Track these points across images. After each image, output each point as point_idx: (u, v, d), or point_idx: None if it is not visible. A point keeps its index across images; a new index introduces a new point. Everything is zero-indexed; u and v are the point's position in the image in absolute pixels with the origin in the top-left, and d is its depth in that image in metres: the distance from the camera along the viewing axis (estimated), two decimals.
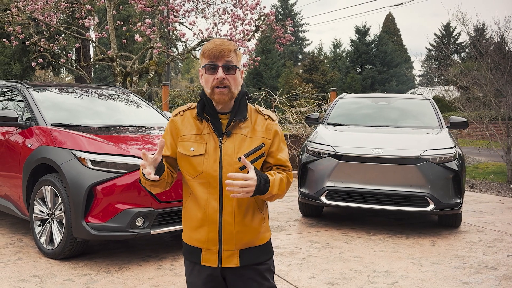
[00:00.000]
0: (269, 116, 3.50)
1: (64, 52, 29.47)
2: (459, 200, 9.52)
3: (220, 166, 3.29)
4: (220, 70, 3.25)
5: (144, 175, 3.28)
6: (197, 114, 3.39)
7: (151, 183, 3.36)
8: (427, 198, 9.32)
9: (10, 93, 9.66)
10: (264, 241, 3.49)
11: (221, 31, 16.86)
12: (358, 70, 68.24)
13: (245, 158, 3.24)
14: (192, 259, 3.45)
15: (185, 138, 3.39)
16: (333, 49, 78.12)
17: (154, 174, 3.26)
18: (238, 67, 3.36)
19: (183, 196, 3.55)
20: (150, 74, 16.99)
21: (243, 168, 3.25)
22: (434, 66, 70.41)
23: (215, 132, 3.34)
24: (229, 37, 16.21)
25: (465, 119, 11.24)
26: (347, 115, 12.03)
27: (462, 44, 77.02)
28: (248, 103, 3.51)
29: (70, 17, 20.27)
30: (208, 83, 3.30)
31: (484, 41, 26.24)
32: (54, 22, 17.17)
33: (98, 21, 17.39)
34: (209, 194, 3.32)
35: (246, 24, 16.56)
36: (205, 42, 16.63)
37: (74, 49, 26.56)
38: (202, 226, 3.35)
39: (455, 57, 72.72)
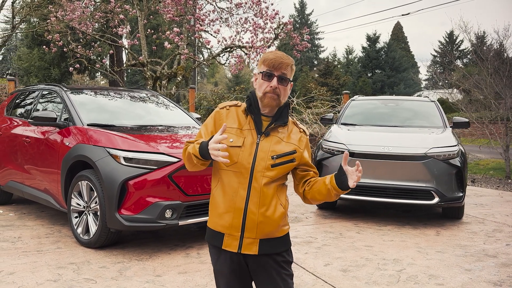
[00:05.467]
0: (303, 130, 3.60)
1: (99, 58, 29.51)
2: (461, 194, 9.51)
3: (254, 160, 3.32)
4: (275, 79, 3.33)
5: (201, 153, 3.29)
6: (245, 109, 3.45)
7: (203, 162, 3.36)
8: (432, 192, 9.31)
9: (50, 96, 9.70)
10: (283, 234, 3.49)
11: (243, 38, 16.86)
12: (369, 75, 68.11)
13: (277, 158, 3.35)
14: (215, 243, 3.44)
15: (227, 130, 3.40)
16: (346, 55, 78.14)
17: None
18: (291, 81, 3.45)
19: (212, 185, 3.52)
20: (178, 78, 16.96)
21: (274, 166, 3.34)
22: (438, 70, 69.96)
23: (255, 129, 3.39)
24: (250, 44, 16.18)
25: (467, 120, 11.18)
26: (359, 116, 12.00)
27: (465, 50, 76.51)
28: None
29: (105, 26, 20.30)
30: (261, 87, 3.38)
31: (484, 48, 26.01)
32: (90, 30, 17.19)
33: (130, 29, 17.36)
34: (239, 184, 3.33)
35: (266, 32, 16.49)
36: (228, 49, 16.68)
37: (108, 55, 26.65)
38: (227, 212, 3.35)
39: (458, 62, 72.23)
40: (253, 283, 3.61)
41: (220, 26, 17.10)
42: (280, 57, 3.36)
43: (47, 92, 9.85)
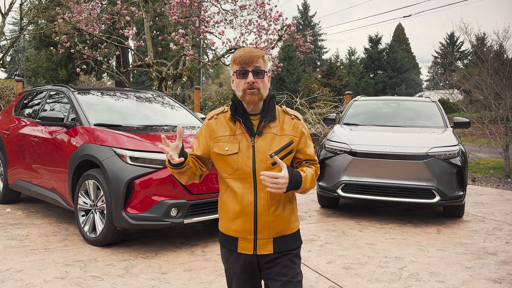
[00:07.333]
0: (295, 116, 3.48)
1: (105, 59, 29.54)
2: (462, 193, 9.50)
3: (253, 163, 3.26)
4: (250, 74, 3.24)
5: (169, 161, 3.35)
6: (231, 116, 3.37)
7: (178, 170, 3.38)
8: (433, 190, 9.30)
9: (57, 96, 9.71)
10: (294, 230, 3.47)
11: (247, 40, 16.86)
12: (371, 75, 67.96)
13: (276, 154, 3.23)
14: (230, 247, 3.43)
15: (220, 139, 3.37)
16: (348, 57, 77.93)
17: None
18: (266, 72, 3.34)
19: (220, 191, 3.50)
20: (183, 79, 16.96)
21: (274, 164, 3.24)
22: (439, 71, 70.09)
23: (247, 132, 3.31)
24: (254, 46, 16.15)
25: (467, 120, 11.17)
26: (361, 116, 11.99)
27: (465, 51, 76.32)
28: (276, 105, 3.47)
29: (111, 27, 20.29)
30: (239, 86, 3.29)
31: (484, 49, 25.92)
32: (97, 32, 17.22)
33: (136, 31, 17.35)
34: (244, 189, 3.29)
35: (270, 34, 16.48)
36: (233, 50, 16.66)
37: (114, 56, 26.61)
38: (238, 217, 3.32)
39: (459, 63, 72.11)
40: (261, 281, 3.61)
41: (225, 28, 17.10)
42: (249, 51, 3.30)
43: (54, 92, 9.87)
